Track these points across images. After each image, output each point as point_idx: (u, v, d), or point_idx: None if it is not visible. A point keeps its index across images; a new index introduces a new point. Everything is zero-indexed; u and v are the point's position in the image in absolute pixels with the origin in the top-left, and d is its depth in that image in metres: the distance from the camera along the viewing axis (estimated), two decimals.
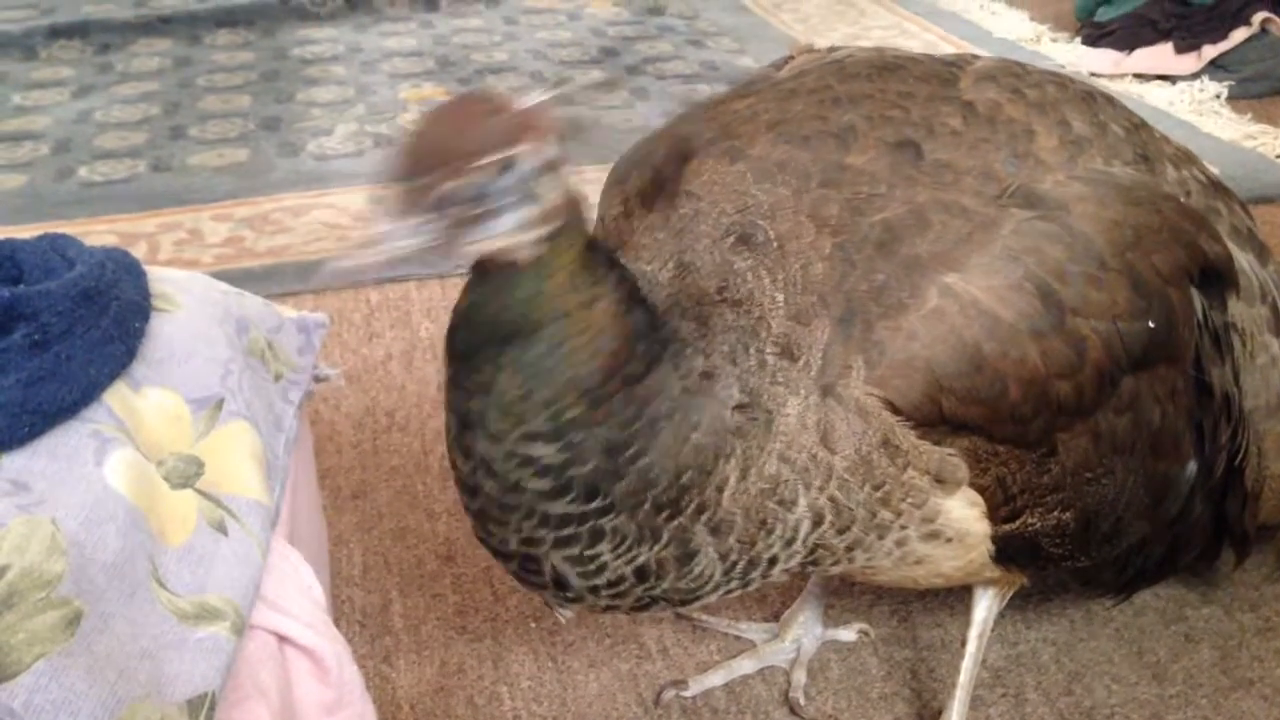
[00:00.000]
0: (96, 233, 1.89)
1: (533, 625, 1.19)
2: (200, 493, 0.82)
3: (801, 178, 0.89)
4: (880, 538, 0.87)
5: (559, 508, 0.82)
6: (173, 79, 2.59)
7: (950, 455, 0.85)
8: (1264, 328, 1.02)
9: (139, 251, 1.80)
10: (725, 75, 2.62)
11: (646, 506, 0.82)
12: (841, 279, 0.84)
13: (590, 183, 2.05)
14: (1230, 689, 1.10)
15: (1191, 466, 0.97)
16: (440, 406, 1.48)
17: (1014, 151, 0.91)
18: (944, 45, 2.79)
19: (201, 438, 0.86)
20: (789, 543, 0.86)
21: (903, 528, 0.87)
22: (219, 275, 1.73)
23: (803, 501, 0.84)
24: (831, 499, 0.84)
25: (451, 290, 1.75)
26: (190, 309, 0.96)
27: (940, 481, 0.86)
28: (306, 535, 1.04)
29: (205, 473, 0.83)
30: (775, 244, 0.87)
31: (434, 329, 1.67)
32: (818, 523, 0.85)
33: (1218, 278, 0.96)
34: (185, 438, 0.85)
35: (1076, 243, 0.86)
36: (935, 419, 0.84)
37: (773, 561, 0.87)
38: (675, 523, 0.83)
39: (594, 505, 0.82)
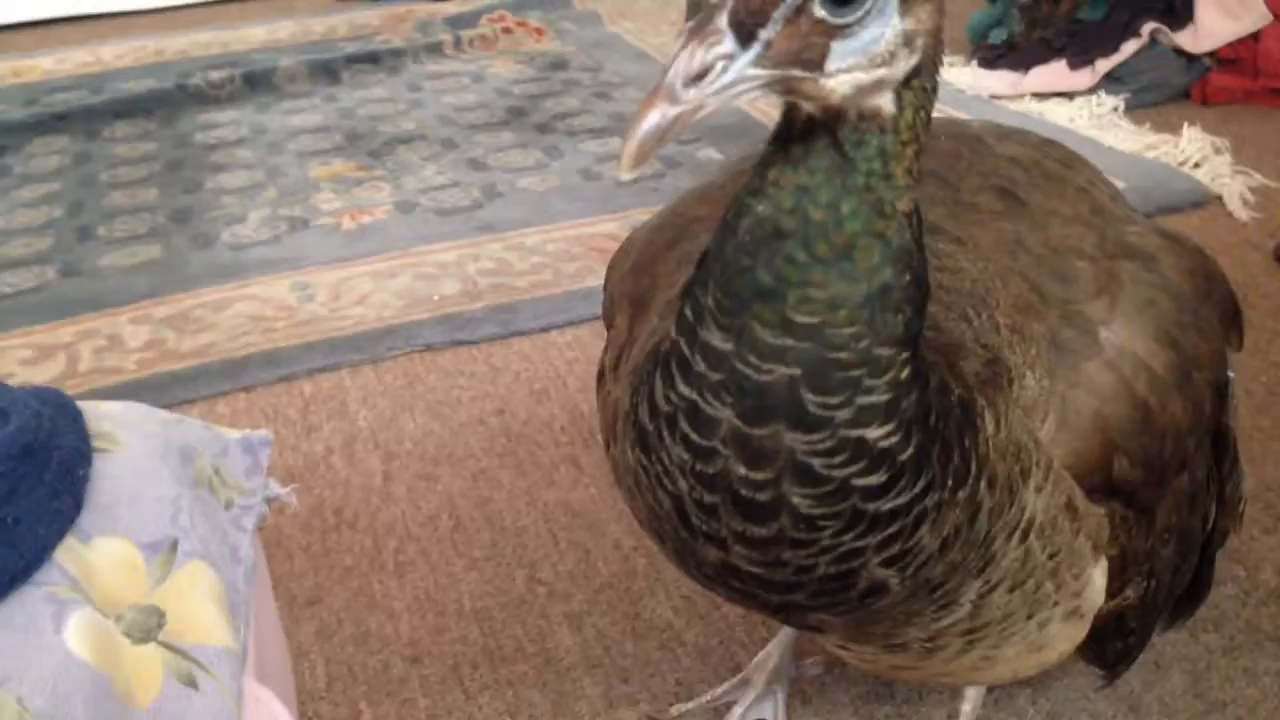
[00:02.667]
0: (11, 348, 1.83)
1: None
2: (164, 645, 0.79)
3: (941, 205, 0.84)
4: (1030, 616, 0.80)
5: (889, 502, 0.66)
6: (74, 177, 2.53)
7: (1104, 518, 0.81)
8: None
9: (57, 364, 1.76)
10: None
11: (948, 469, 0.69)
12: (1037, 301, 0.79)
13: (515, 248, 2.04)
14: (1205, 713, 1.12)
15: (1199, 522, 0.97)
16: (387, 499, 1.48)
17: (1090, 205, 0.90)
18: None
19: (158, 585, 0.83)
20: (1013, 531, 0.75)
21: (1055, 604, 0.81)
22: (144, 381, 1.72)
23: (1031, 486, 0.75)
24: (1035, 518, 0.76)
25: (387, 375, 1.73)
26: (131, 445, 0.93)
27: (1095, 549, 0.81)
28: (270, 662, 1.01)
29: (167, 623, 0.80)
30: (966, 243, 0.82)
31: (372, 417, 1.64)
32: (1026, 532, 0.76)
33: (1232, 329, 0.98)
34: (141, 587, 0.82)
35: (1177, 294, 0.85)
36: (1102, 482, 0.79)
37: (989, 562, 0.75)
38: (969, 480, 0.71)
39: (920, 486, 0.67)
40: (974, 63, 2.80)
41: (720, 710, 1.16)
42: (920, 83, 0.61)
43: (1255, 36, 2.51)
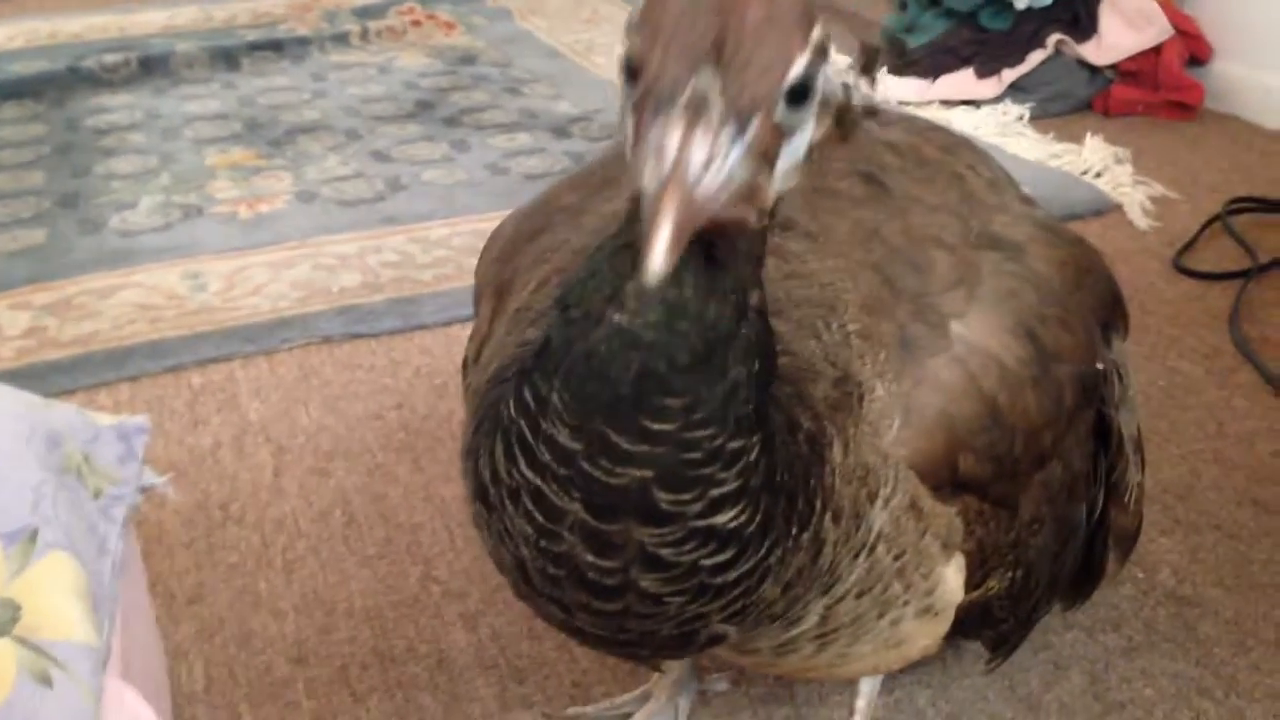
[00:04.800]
0: None
1: None
2: (18, 640, 0.73)
3: (800, 193, 0.80)
4: (880, 615, 0.78)
5: (735, 572, 0.65)
6: None
7: (955, 516, 0.79)
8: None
9: None
10: (545, 123, 2.59)
11: (793, 519, 0.68)
12: (888, 296, 0.78)
13: (419, 241, 1.99)
14: (1103, 714, 1.11)
15: (1083, 509, 0.96)
16: (277, 494, 1.42)
17: (960, 192, 0.88)
18: None
19: (15, 576, 0.77)
20: (859, 551, 0.74)
21: (905, 604, 0.79)
22: (22, 370, 1.64)
23: (879, 504, 0.74)
24: (883, 532, 0.75)
25: (281, 367, 1.67)
26: None
27: (945, 547, 0.79)
28: (141, 662, 0.95)
29: (22, 617, 0.75)
30: (818, 237, 0.79)
31: (264, 410, 1.58)
32: (873, 547, 0.74)
33: (1115, 317, 0.97)
34: None
35: (1042, 285, 0.83)
36: (949, 479, 0.78)
37: (835, 582, 0.74)
38: (812, 521, 0.69)
39: (765, 548, 0.66)
40: (883, 69, 2.81)
41: (619, 718, 1.12)
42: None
43: (1157, 50, 2.56)
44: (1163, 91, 2.57)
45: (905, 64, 2.77)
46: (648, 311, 0.58)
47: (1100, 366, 0.89)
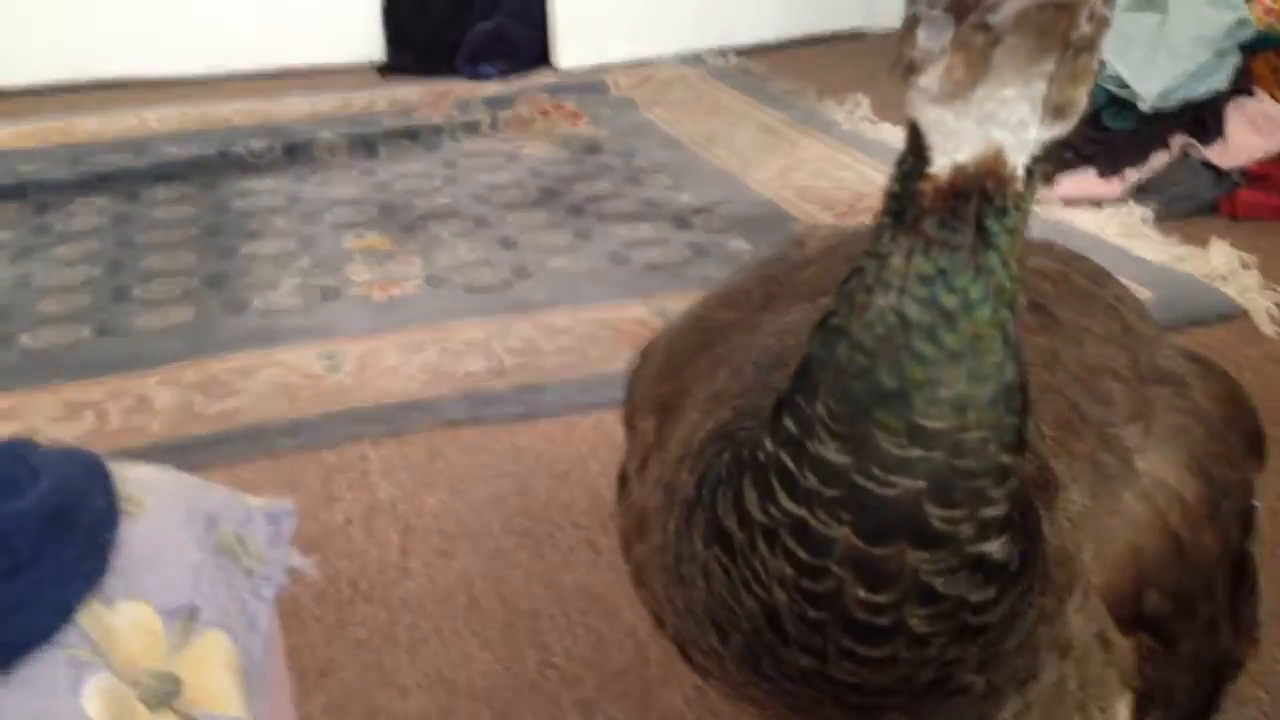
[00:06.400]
0: (42, 404, 1.85)
1: None
2: (179, 714, 0.79)
3: None
4: None
5: (996, 613, 0.64)
6: (112, 238, 2.58)
7: (1132, 651, 0.78)
8: None
9: (86, 422, 1.78)
10: (666, 213, 2.66)
11: (1033, 568, 0.67)
12: (1076, 420, 0.77)
13: (543, 328, 2.04)
14: None
15: (1217, 645, 0.95)
16: (404, 573, 1.48)
17: (1120, 324, 0.89)
18: (876, 175, 2.86)
19: (176, 651, 0.83)
20: (1053, 647, 0.73)
21: None
22: (169, 444, 1.73)
23: (1074, 601, 0.73)
24: (1073, 641, 0.74)
25: (410, 448, 1.74)
26: (156, 509, 0.93)
27: (1123, 684, 0.78)
28: None
29: (183, 691, 0.80)
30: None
31: (393, 490, 1.65)
32: (1065, 651, 0.73)
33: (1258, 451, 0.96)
34: (160, 653, 0.82)
35: (1208, 421, 0.83)
36: (1131, 613, 0.77)
37: (1034, 672, 0.73)
38: (1037, 581, 0.68)
39: (1020, 590, 0.65)
40: None
41: None
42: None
43: None
44: None
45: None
46: (913, 286, 0.58)
47: (1258, 505, 0.89)
